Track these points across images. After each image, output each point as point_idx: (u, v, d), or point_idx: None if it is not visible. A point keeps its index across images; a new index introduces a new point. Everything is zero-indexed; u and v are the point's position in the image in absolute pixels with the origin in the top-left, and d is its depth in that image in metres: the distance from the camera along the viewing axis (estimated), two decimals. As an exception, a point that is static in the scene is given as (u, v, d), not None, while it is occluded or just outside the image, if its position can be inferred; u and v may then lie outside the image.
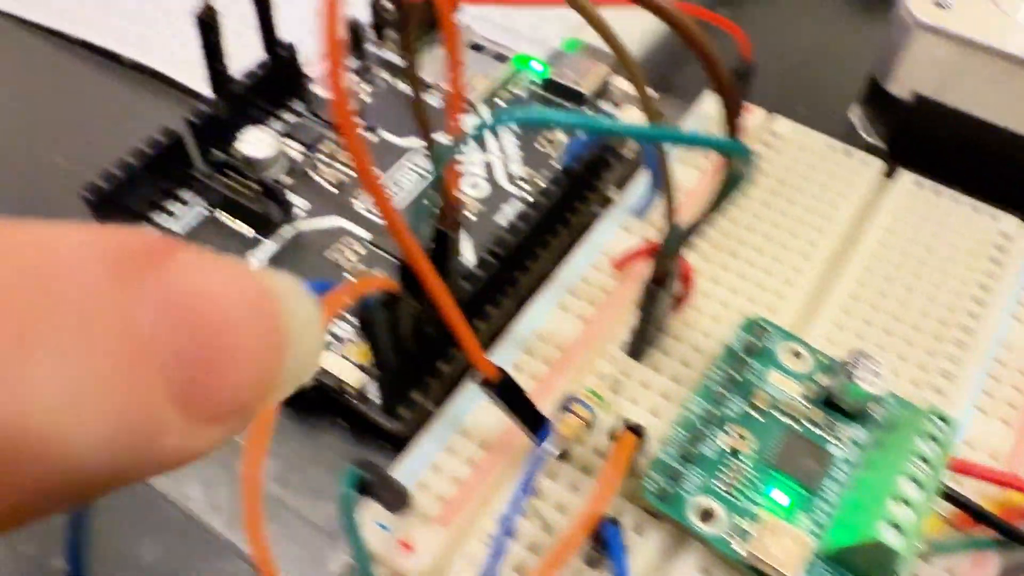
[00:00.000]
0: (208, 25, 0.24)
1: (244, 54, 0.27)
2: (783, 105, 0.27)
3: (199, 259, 0.09)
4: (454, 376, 0.22)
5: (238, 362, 0.09)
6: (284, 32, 0.27)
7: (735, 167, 0.14)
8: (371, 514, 0.18)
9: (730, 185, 0.15)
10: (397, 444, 0.23)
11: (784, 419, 0.19)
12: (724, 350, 0.20)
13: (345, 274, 0.24)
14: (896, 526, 0.16)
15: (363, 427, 0.23)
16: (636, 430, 0.17)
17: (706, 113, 0.26)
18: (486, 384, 0.17)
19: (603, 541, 0.16)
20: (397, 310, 0.18)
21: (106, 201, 0.24)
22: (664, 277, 0.18)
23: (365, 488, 0.17)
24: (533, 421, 0.18)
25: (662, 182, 0.18)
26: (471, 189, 0.26)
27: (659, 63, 0.31)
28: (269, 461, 0.22)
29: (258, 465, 0.14)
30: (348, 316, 0.23)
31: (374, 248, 0.25)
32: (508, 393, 0.17)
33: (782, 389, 0.19)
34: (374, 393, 0.22)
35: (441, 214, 0.18)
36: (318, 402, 0.22)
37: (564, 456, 0.19)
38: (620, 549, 0.16)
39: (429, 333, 0.20)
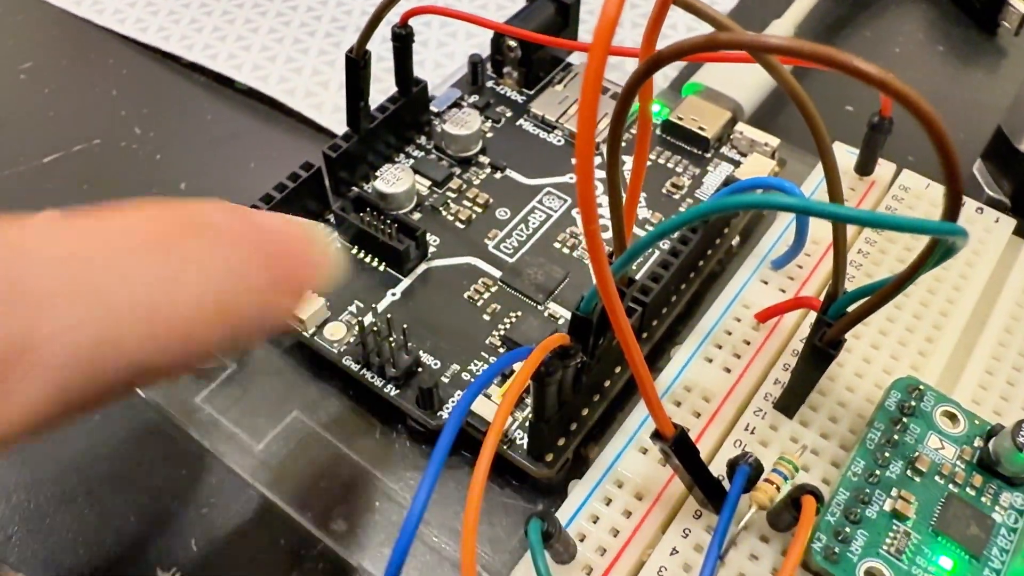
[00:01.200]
0: (358, 64, 0.24)
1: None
2: (901, 157, 0.27)
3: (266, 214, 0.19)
4: (595, 423, 0.22)
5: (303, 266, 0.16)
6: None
7: (951, 243, 0.14)
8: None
9: (941, 259, 0.15)
10: (534, 487, 0.23)
11: (944, 483, 0.19)
12: (879, 410, 0.20)
13: (485, 315, 0.25)
14: (1083, 603, 0.16)
15: (500, 467, 0.23)
16: (815, 494, 0.17)
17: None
18: (660, 439, 0.17)
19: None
20: (568, 363, 0.19)
21: (248, 233, 0.24)
22: (840, 341, 0.18)
23: (545, 539, 0.17)
24: (704, 481, 0.18)
25: (835, 249, 0.19)
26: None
27: (764, 105, 0.31)
28: (409, 499, 0.23)
29: (476, 514, 0.15)
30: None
31: (503, 285, 0.25)
32: (682, 449, 0.18)
33: (940, 452, 0.19)
34: (519, 436, 0.22)
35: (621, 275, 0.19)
36: (459, 442, 0.23)
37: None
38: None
39: (584, 382, 0.21)
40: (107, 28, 0.36)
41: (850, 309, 0.18)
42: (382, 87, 0.32)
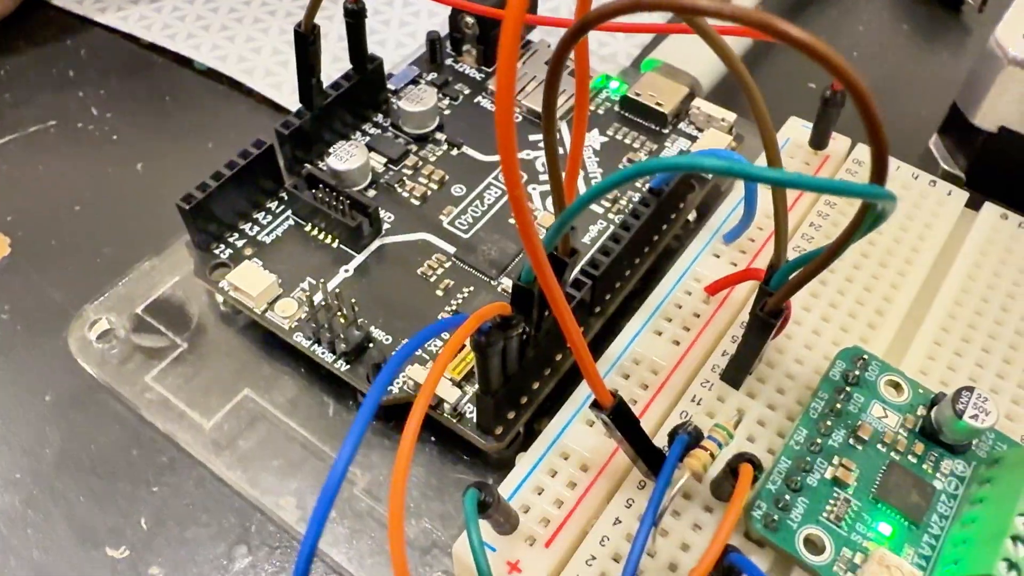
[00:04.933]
0: (307, 39, 0.24)
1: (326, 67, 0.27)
2: (861, 133, 0.27)
3: None
4: (545, 397, 0.22)
5: None
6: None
7: (880, 208, 0.14)
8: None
9: (872, 225, 0.15)
10: (486, 461, 0.23)
11: (886, 451, 0.19)
12: (824, 379, 0.20)
13: (438, 291, 0.24)
14: (1015, 566, 0.16)
15: (452, 443, 0.23)
16: (753, 462, 0.17)
17: (790, 139, 0.26)
18: (598, 408, 0.17)
19: (734, 569, 0.16)
20: (509, 333, 0.19)
21: (198, 209, 0.24)
22: (781, 310, 0.18)
23: (482, 508, 0.17)
24: (645, 450, 0.18)
25: (775, 217, 0.19)
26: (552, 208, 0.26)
27: (723, 81, 0.31)
28: (359, 474, 0.23)
29: (402, 497, 0.15)
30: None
31: (457, 261, 0.25)
32: (621, 419, 0.18)
33: (883, 420, 0.20)
34: (468, 410, 0.22)
35: (562, 243, 0.18)
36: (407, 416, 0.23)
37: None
38: (759, 572, 0.16)
39: (530, 355, 0.21)
40: (65, 9, 0.35)
41: (791, 278, 0.18)
42: (343, 67, 0.32)
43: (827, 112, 0.25)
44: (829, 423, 0.19)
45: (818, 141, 0.26)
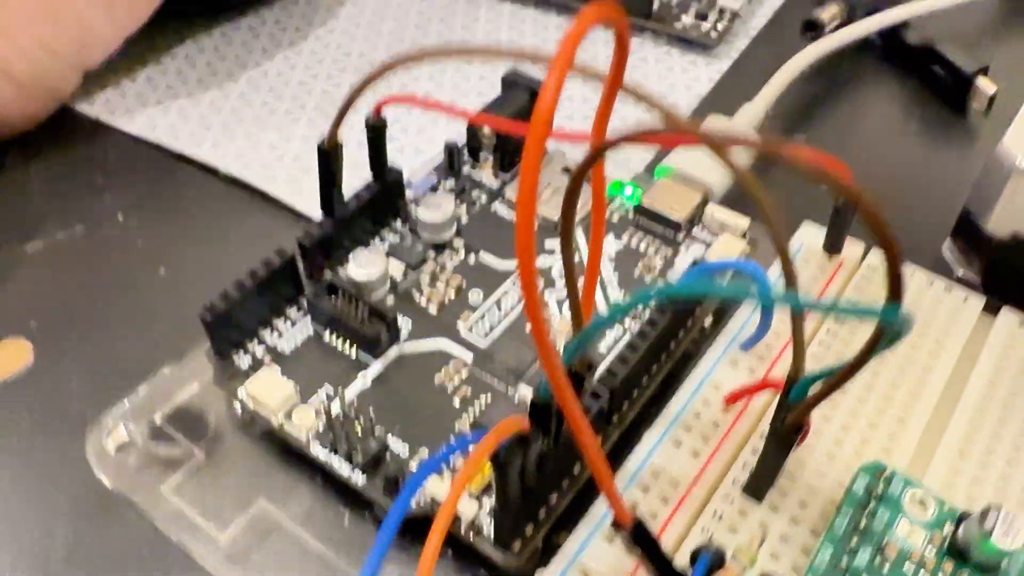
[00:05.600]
0: (330, 155, 0.25)
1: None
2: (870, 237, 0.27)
3: None
4: (563, 510, 0.22)
5: None
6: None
7: (894, 328, 0.14)
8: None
9: (888, 344, 0.15)
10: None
11: (915, 571, 0.19)
12: (847, 495, 0.20)
13: (456, 399, 0.24)
14: None
15: (468, 555, 0.22)
16: (777, 584, 0.17)
17: (803, 244, 0.27)
18: (619, 528, 0.17)
19: None
20: (527, 449, 0.18)
21: (220, 320, 0.24)
22: (803, 423, 0.18)
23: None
24: (666, 573, 0.18)
25: (793, 334, 0.19)
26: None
27: (737, 186, 0.32)
28: (374, 589, 0.22)
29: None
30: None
31: (475, 369, 0.25)
32: (641, 539, 0.17)
33: (909, 539, 0.19)
34: (485, 523, 0.22)
35: (579, 359, 0.19)
36: (425, 530, 0.22)
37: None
38: None
39: (548, 468, 0.20)
40: (94, 118, 0.37)
41: (812, 391, 0.18)
42: (360, 173, 0.33)
43: (839, 219, 0.25)
44: (855, 540, 0.19)
45: (832, 247, 0.26)
